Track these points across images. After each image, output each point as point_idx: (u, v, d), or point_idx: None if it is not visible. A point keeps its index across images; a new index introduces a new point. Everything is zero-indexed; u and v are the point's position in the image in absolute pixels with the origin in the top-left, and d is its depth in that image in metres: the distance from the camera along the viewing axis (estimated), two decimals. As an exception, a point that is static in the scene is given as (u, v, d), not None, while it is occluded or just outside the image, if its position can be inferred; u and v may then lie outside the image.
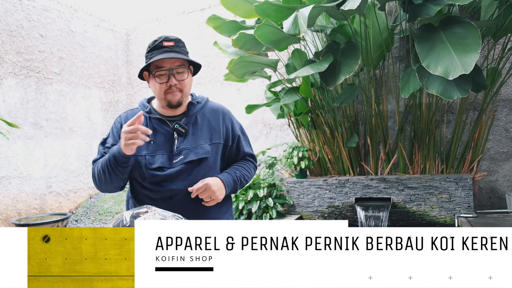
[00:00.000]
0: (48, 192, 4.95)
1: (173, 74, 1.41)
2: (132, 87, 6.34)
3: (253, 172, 1.62)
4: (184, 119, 1.49)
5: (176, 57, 1.40)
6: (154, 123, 1.48)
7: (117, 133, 1.51)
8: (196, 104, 1.53)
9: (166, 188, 1.43)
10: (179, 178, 1.43)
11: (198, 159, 1.44)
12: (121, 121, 1.53)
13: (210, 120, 1.53)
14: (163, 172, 1.43)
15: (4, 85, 4.49)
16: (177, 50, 1.42)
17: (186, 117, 1.50)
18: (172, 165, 1.44)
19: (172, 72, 1.41)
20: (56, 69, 5.11)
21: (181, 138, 1.46)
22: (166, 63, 1.41)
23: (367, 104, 4.07)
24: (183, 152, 1.44)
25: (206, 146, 1.47)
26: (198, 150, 1.45)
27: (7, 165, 4.49)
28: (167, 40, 1.43)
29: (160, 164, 1.43)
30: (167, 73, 1.41)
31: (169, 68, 1.40)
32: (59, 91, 5.15)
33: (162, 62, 1.41)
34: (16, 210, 4.58)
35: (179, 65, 1.42)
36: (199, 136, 1.48)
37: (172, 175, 1.43)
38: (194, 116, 1.51)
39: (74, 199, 5.31)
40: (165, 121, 1.49)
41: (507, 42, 3.66)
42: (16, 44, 4.64)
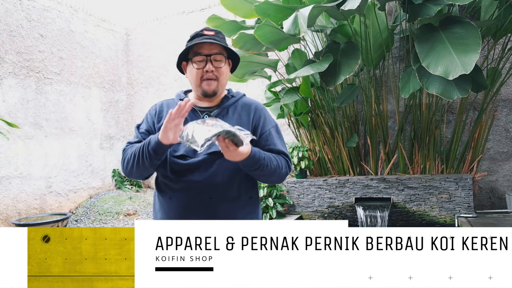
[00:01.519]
0: (48, 192, 4.95)
1: (210, 61, 1.42)
2: (132, 87, 6.34)
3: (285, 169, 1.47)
4: (215, 111, 1.49)
5: (215, 43, 1.42)
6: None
7: (151, 120, 1.51)
8: (231, 98, 1.54)
9: (185, 178, 1.41)
10: (200, 169, 1.41)
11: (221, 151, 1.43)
12: (156, 108, 1.54)
13: (241, 114, 1.51)
14: (185, 160, 1.42)
15: (4, 85, 4.49)
16: (217, 40, 1.44)
17: (218, 109, 1.50)
18: (196, 156, 1.42)
19: (209, 58, 1.42)
20: (56, 69, 5.11)
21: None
22: (205, 49, 1.43)
23: (367, 104, 4.07)
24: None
25: None
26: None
27: (7, 165, 4.49)
28: (208, 29, 1.46)
29: (184, 152, 1.42)
30: (204, 59, 1.42)
31: (207, 53, 1.42)
32: (59, 91, 5.15)
33: (201, 48, 1.43)
34: (16, 210, 4.58)
35: (217, 52, 1.43)
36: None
37: (193, 165, 1.41)
38: (226, 109, 1.50)
39: (74, 199, 5.31)
40: (197, 111, 1.49)
41: (507, 42, 3.66)
42: (16, 44, 4.64)
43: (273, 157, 1.43)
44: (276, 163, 1.42)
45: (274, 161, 1.42)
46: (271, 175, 1.42)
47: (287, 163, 1.50)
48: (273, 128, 1.54)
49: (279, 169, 1.43)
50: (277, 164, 1.42)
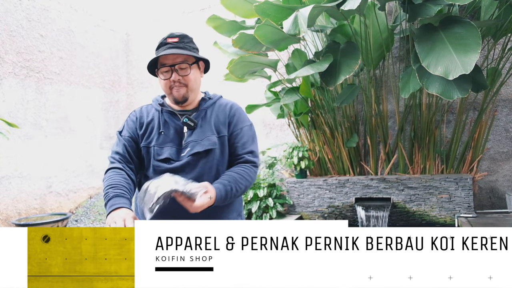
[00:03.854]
0: (48, 192, 4.95)
1: (175, 70, 1.43)
2: (132, 87, 6.34)
3: (253, 177, 1.52)
4: (194, 114, 1.51)
5: (177, 53, 1.41)
6: (166, 116, 1.51)
7: (133, 126, 1.53)
8: (208, 100, 1.56)
9: None
10: (185, 171, 1.43)
11: (205, 151, 1.45)
12: (136, 114, 1.56)
13: (218, 114, 1.54)
14: (169, 164, 1.44)
15: (4, 85, 4.49)
16: (180, 46, 1.44)
17: (196, 111, 1.52)
18: (180, 158, 1.45)
19: (174, 68, 1.43)
20: (56, 69, 5.11)
21: (190, 132, 1.48)
22: (168, 59, 1.44)
23: (367, 104, 4.07)
24: (190, 145, 1.46)
25: (213, 137, 1.47)
26: (204, 141, 1.46)
27: (7, 165, 4.49)
28: (171, 36, 1.46)
29: (168, 155, 1.44)
30: (170, 69, 1.44)
31: (171, 64, 1.43)
32: (59, 91, 5.14)
33: (165, 59, 1.44)
34: (16, 210, 4.58)
35: (182, 61, 1.44)
36: (207, 128, 1.49)
37: (178, 168, 1.43)
38: (204, 110, 1.53)
39: (74, 199, 5.31)
40: (176, 114, 1.51)
41: (507, 42, 3.66)
42: (16, 44, 4.64)
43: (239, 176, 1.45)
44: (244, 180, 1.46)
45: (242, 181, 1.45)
46: (243, 192, 1.48)
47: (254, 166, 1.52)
48: (246, 127, 1.55)
49: (248, 183, 1.48)
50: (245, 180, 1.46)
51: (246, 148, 1.52)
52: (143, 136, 1.51)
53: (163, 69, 1.44)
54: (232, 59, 3.72)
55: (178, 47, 1.43)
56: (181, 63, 1.43)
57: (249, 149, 1.53)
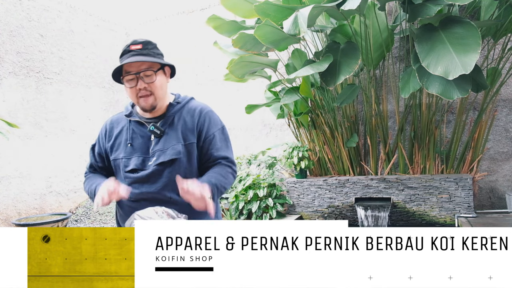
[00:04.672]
0: (48, 192, 4.95)
1: (141, 78, 1.40)
2: (132, 87, 6.33)
3: (231, 180, 1.49)
4: (161, 121, 1.48)
5: (141, 60, 1.38)
6: (133, 125, 1.50)
7: (102, 141, 1.56)
8: (176, 105, 1.51)
9: (139, 190, 1.43)
10: (150, 180, 1.42)
11: (169, 160, 1.42)
12: (106, 126, 1.56)
13: (186, 119, 1.49)
14: (136, 174, 1.43)
15: (4, 85, 4.49)
16: (144, 53, 1.41)
17: (164, 118, 1.49)
18: (146, 167, 1.43)
19: (139, 76, 1.40)
20: (56, 69, 5.11)
21: (156, 140, 1.46)
22: (133, 67, 1.40)
23: (367, 104, 4.07)
24: (156, 154, 1.44)
25: (178, 146, 1.44)
26: (169, 151, 1.43)
27: (7, 165, 4.49)
28: (134, 43, 1.42)
29: (134, 166, 1.44)
30: (135, 77, 1.40)
31: (135, 72, 1.40)
32: (59, 91, 5.14)
33: (129, 67, 1.41)
34: (16, 210, 4.58)
35: (146, 68, 1.40)
36: (173, 136, 1.46)
37: (144, 178, 1.42)
38: (171, 117, 1.49)
39: (74, 199, 5.31)
40: (143, 123, 1.49)
41: (507, 42, 3.66)
42: (16, 44, 4.64)
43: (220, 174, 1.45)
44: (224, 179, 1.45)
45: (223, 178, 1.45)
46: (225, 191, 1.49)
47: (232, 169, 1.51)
48: (218, 131, 1.52)
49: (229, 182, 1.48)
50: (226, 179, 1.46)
51: (220, 154, 1.49)
52: (112, 149, 1.52)
53: (128, 77, 1.40)
54: (232, 59, 3.72)
55: (142, 54, 1.40)
56: (146, 70, 1.39)
57: (223, 155, 1.50)
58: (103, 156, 1.56)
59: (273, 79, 4.52)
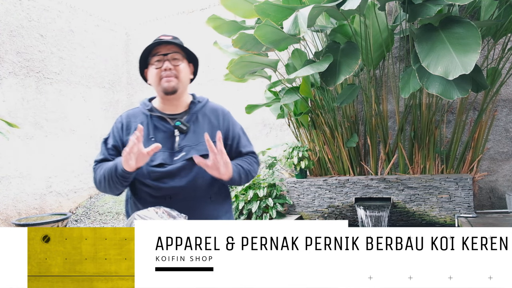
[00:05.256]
0: (48, 192, 4.95)
1: (168, 60, 1.46)
2: (132, 87, 6.34)
3: (256, 168, 1.62)
4: (185, 117, 1.51)
5: (172, 42, 1.46)
6: (155, 121, 1.51)
7: (117, 134, 1.53)
8: (197, 103, 1.56)
9: (167, 185, 1.43)
10: (180, 175, 1.43)
11: (200, 156, 1.44)
12: (122, 120, 1.55)
13: (211, 118, 1.55)
14: (164, 168, 1.44)
15: (4, 85, 4.49)
16: (173, 41, 1.48)
17: (187, 115, 1.52)
18: (173, 162, 1.44)
19: (167, 57, 1.46)
20: (56, 69, 5.11)
21: (182, 136, 1.48)
22: (162, 49, 1.47)
23: (367, 104, 4.07)
24: (185, 149, 1.46)
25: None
26: (199, 147, 1.46)
27: (7, 165, 4.49)
28: (164, 35, 1.51)
29: (161, 160, 1.44)
30: (162, 58, 1.46)
31: (164, 53, 1.46)
32: (59, 91, 5.14)
33: (158, 49, 1.47)
34: (16, 210, 4.58)
35: (175, 51, 1.47)
36: (200, 134, 1.49)
37: (173, 172, 1.43)
38: (195, 114, 1.53)
39: (74, 199, 5.31)
40: (165, 118, 1.51)
41: (507, 42, 3.66)
42: (16, 44, 4.64)
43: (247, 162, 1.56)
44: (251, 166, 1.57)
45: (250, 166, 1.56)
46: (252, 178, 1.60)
47: (256, 160, 1.63)
48: (240, 130, 1.62)
49: (255, 170, 1.59)
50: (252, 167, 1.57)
51: (247, 150, 1.60)
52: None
53: (156, 58, 1.46)
54: (232, 59, 3.72)
55: (172, 42, 1.48)
56: (174, 53, 1.46)
57: (249, 150, 1.61)
58: (119, 149, 1.52)
59: (273, 79, 4.52)
